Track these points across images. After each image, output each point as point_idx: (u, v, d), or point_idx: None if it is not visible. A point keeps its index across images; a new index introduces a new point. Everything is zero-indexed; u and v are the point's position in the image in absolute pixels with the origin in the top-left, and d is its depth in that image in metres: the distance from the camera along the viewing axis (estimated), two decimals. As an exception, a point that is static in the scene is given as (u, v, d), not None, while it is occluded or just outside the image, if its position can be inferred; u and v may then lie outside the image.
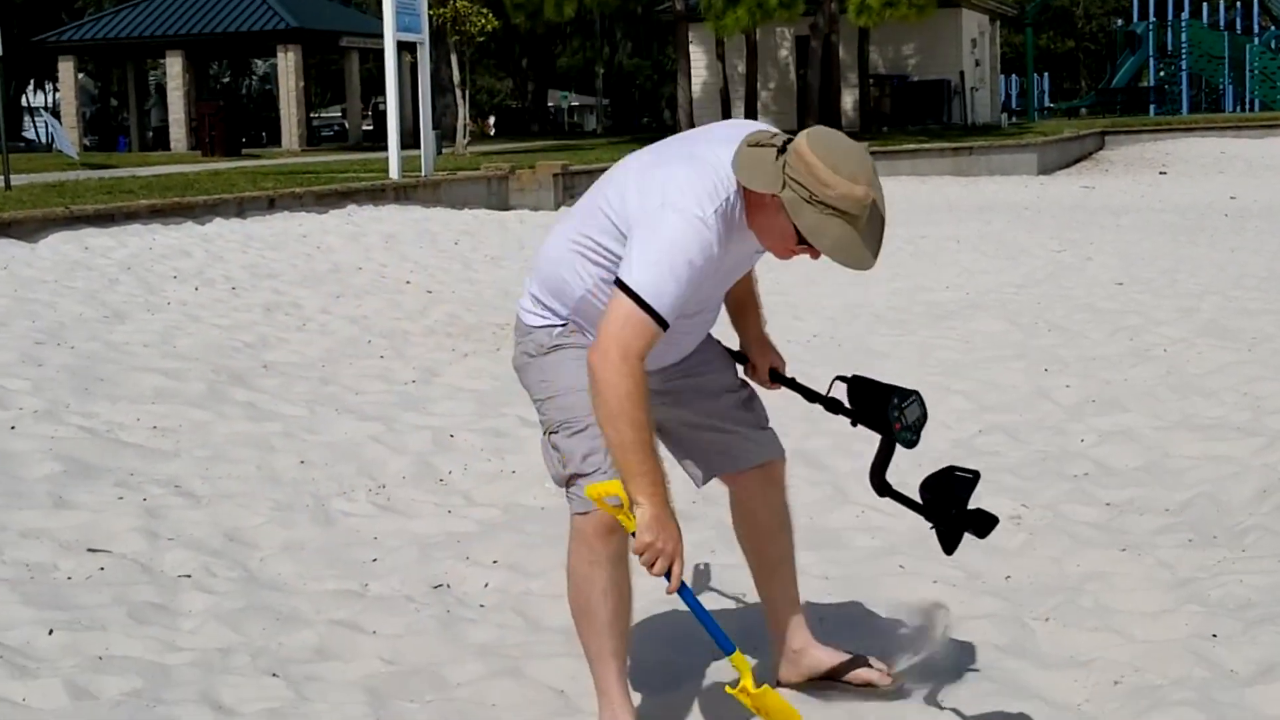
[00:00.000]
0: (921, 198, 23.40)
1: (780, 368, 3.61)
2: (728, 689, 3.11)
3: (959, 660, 3.90)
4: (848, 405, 3.47)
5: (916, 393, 3.36)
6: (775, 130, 3.12)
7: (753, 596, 3.76)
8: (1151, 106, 50.34)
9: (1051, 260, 13.34)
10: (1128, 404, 7.14)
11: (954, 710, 3.57)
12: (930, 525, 3.27)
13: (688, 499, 5.46)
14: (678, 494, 5.46)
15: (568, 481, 3.22)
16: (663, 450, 3.29)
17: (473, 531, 5.19)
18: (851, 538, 5.07)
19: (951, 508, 3.22)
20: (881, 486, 3.41)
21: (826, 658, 3.65)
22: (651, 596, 4.36)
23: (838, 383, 3.51)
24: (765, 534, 3.59)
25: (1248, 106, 49.26)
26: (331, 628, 4.18)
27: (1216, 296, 10.55)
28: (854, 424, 3.45)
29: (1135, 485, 5.75)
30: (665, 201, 2.96)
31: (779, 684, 3.65)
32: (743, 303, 3.58)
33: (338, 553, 4.93)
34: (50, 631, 4.04)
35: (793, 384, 3.62)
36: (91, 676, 3.74)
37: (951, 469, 3.28)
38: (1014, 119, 44.84)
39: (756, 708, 3.09)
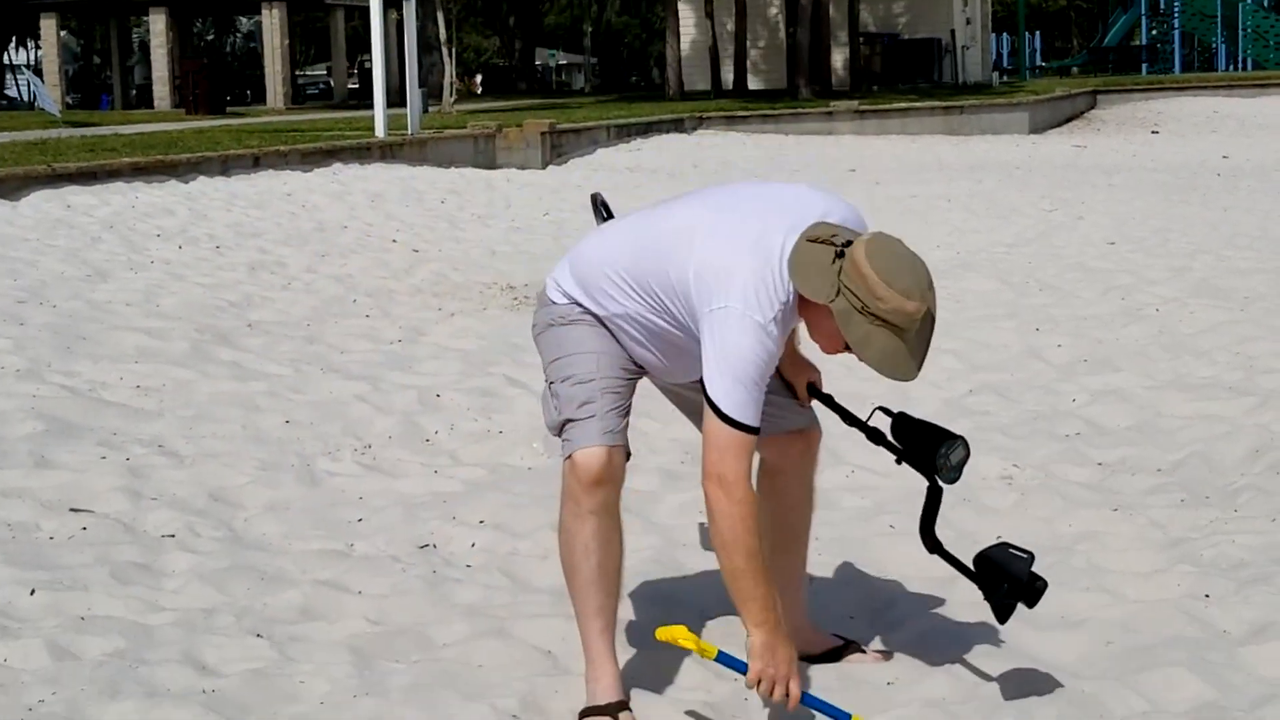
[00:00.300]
0: (912, 156, 23.34)
1: (818, 382, 3.57)
2: None
3: (952, 622, 3.89)
4: (891, 439, 3.46)
5: (962, 438, 3.39)
6: (838, 223, 3.11)
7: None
8: (1144, 65, 50.20)
9: (1043, 219, 13.31)
10: (1119, 363, 7.12)
11: (946, 671, 3.55)
12: (984, 596, 3.34)
13: (677, 458, 5.45)
14: (669, 457, 5.46)
15: (561, 427, 3.26)
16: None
17: (459, 491, 5.15)
18: (841, 498, 5.05)
19: (1004, 583, 3.29)
20: (933, 545, 3.44)
21: (820, 641, 3.65)
22: (641, 555, 4.35)
23: (879, 413, 3.50)
24: (792, 505, 3.58)
25: (1240, 65, 49.15)
26: (316, 588, 4.15)
27: (1209, 256, 10.53)
28: (898, 462, 3.47)
29: (1127, 445, 5.73)
30: (728, 304, 3.01)
31: None
32: None
33: (323, 513, 4.90)
34: (32, 592, 4.00)
35: (830, 402, 3.57)
36: (73, 637, 3.71)
37: (1006, 546, 3.35)
38: (1005, 78, 44.70)
39: None
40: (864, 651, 3.67)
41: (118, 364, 6.74)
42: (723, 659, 3.14)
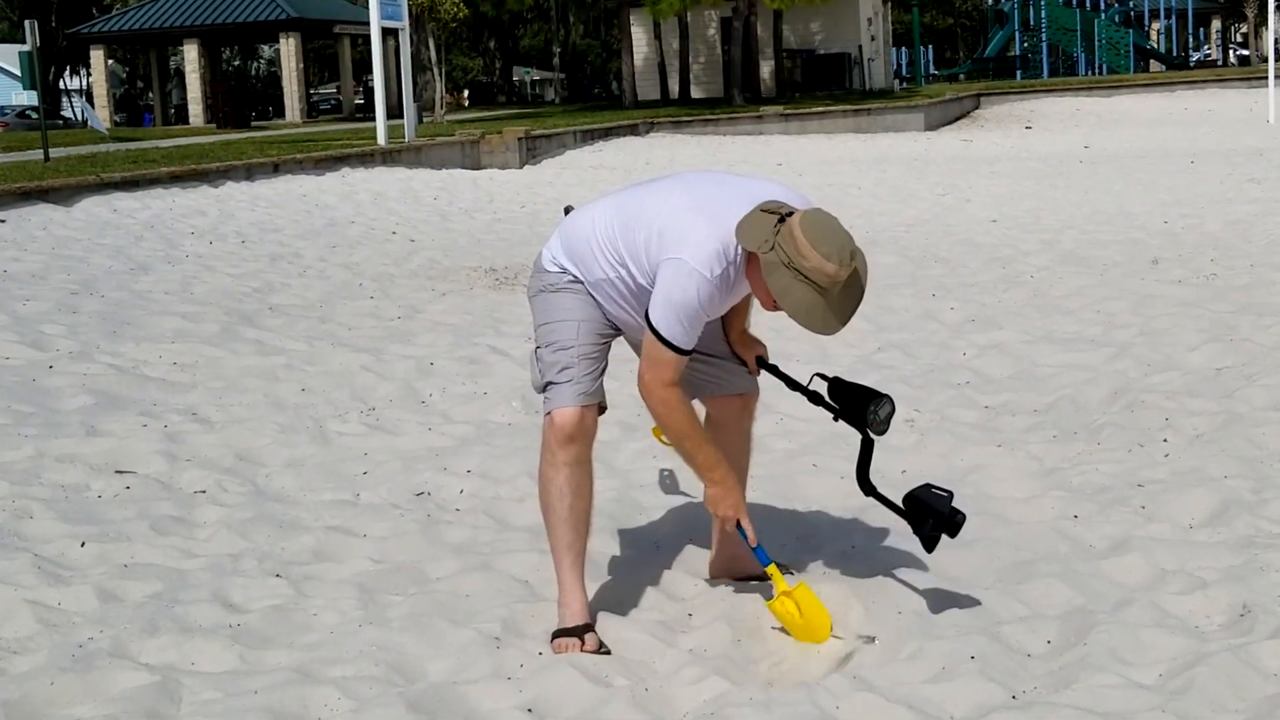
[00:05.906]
0: (827, 152, 23.23)
1: (765, 355, 3.51)
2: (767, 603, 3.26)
3: (865, 545, 3.85)
4: (829, 401, 3.38)
5: (888, 396, 3.32)
6: (790, 203, 3.07)
7: (696, 495, 3.67)
8: (1018, 72, 50.23)
9: (937, 202, 13.27)
10: (1001, 322, 7.09)
11: (861, 584, 3.50)
12: (913, 530, 3.28)
13: (633, 412, 5.36)
14: (627, 410, 5.38)
15: (544, 387, 3.21)
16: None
17: (450, 446, 5.07)
18: (772, 442, 4.99)
19: (929, 518, 3.23)
20: (868, 489, 3.37)
21: (755, 564, 3.59)
22: (603, 495, 4.28)
23: (817, 379, 3.44)
24: (732, 451, 3.50)
25: (1097, 70, 49.27)
26: (327, 533, 4.06)
27: (1074, 231, 10.52)
28: (835, 420, 3.39)
29: (1008, 391, 5.70)
30: (682, 257, 2.99)
31: (711, 575, 3.60)
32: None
33: (333, 467, 4.80)
34: (82, 544, 3.91)
35: (776, 371, 3.51)
36: (118, 582, 3.61)
37: (929, 487, 3.28)
38: (904, 84, 44.56)
39: (791, 605, 3.21)
40: (792, 573, 3.62)
41: (157, 344, 6.60)
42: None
